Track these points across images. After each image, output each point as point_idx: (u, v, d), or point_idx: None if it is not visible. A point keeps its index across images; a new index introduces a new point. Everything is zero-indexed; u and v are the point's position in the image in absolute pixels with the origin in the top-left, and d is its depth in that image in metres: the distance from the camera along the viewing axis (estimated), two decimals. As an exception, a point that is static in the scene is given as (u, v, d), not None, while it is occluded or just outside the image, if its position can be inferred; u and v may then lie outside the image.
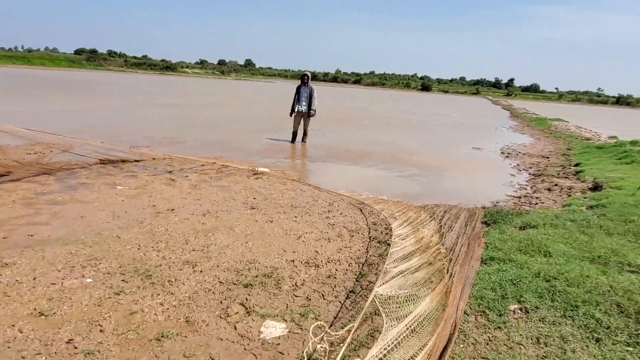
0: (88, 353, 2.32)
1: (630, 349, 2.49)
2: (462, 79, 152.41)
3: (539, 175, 8.80)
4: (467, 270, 3.50)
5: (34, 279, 3.11)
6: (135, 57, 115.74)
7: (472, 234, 4.49)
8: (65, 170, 6.43)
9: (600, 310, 2.85)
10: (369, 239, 4.38)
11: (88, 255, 3.55)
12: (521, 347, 2.52)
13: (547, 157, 11.36)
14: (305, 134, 10.68)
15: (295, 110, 10.38)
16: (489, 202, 6.37)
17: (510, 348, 2.51)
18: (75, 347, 2.37)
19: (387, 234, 4.49)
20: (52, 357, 2.30)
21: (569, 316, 2.81)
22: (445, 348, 2.44)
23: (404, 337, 2.43)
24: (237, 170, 7.14)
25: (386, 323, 2.40)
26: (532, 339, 2.60)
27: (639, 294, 3.03)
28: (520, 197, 6.88)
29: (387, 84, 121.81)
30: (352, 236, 4.44)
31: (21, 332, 2.48)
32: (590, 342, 2.56)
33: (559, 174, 8.70)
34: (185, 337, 2.53)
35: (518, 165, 10.09)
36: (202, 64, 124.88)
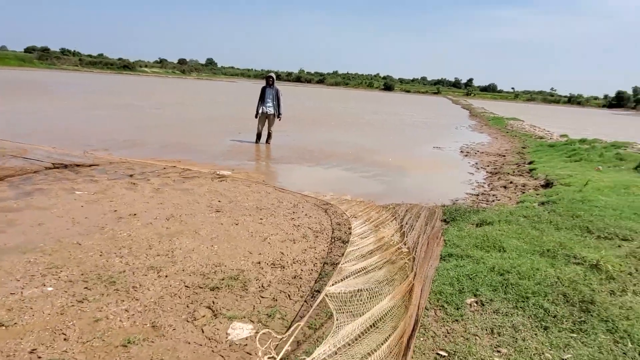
0: (52, 362, 2.30)
1: (575, 335, 2.70)
2: (424, 78, 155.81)
3: (496, 173, 9.18)
4: (427, 269, 3.64)
5: (-9, 289, 3.02)
6: (90, 56, 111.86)
7: (431, 233, 4.66)
8: (19, 176, 6.20)
9: (548, 300, 3.05)
10: (333, 239, 4.48)
11: (48, 264, 3.48)
12: (477, 337, 2.68)
13: (504, 156, 11.85)
14: (269, 135, 10.70)
15: (260, 111, 10.36)
16: (449, 200, 6.61)
17: (467, 339, 2.66)
18: (39, 357, 2.34)
19: (350, 233, 4.60)
20: (14, 368, 2.26)
21: (520, 307, 2.99)
22: (408, 343, 2.52)
23: (362, 333, 2.47)
24: (200, 174, 7.09)
25: (337, 320, 2.44)
26: (486, 329, 2.76)
27: (583, 284, 3.26)
28: (478, 195, 7.17)
29: (351, 83, 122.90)
30: (317, 237, 4.53)
31: (-20, 345, 2.42)
32: (539, 330, 2.75)
33: (514, 172, 9.11)
34: (152, 342, 2.54)
35: (476, 163, 10.47)
36: (162, 63, 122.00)
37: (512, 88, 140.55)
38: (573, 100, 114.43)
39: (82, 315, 2.77)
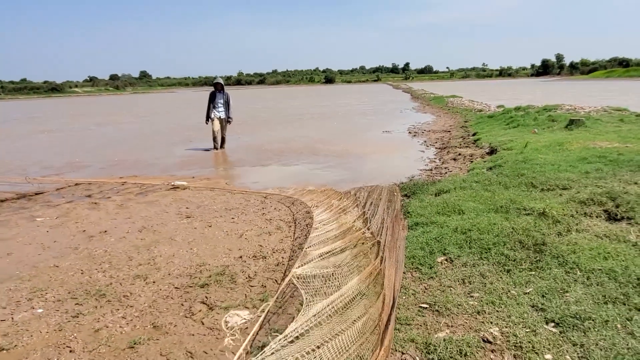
0: (64, 373, 2.38)
1: (533, 272, 3.07)
2: (362, 67, 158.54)
3: (444, 148, 9.72)
4: (397, 252, 3.64)
5: (-21, 320, 3.02)
6: (12, 82, 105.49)
7: (394, 216, 4.87)
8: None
9: (507, 248, 3.43)
10: (307, 226, 4.70)
11: (30, 288, 3.48)
12: (451, 288, 3.00)
13: (449, 131, 12.50)
14: (223, 140, 10.73)
15: (212, 116, 10.35)
16: (406, 178, 6.98)
17: (443, 291, 2.97)
18: (50, 370, 2.42)
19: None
20: (27, 384, 2.33)
21: (484, 257, 3.35)
22: (387, 322, 2.58)
23: (334, 313, 2.57)
24: (157, 188, 7.09)
25: (305, 299, 2.52)
26: (458, 280, 3.09)
27: (534, 230, 3.68)
28: (431, 170, 7.62)
29: (292, 80, 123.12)
30: (290, 226, 4.74)
31: (-15, 370, 2.46)
32: (502, 274, 3.11)
33: (461, 145, 9.69)
34: (157, 339, 2.67)
35: (425, 141, 11.01)
36: (93, 81, 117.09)
37: (447, 67, 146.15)
38: (504, 73, 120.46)
39: (80, 328, 2.85)
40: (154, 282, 3.51)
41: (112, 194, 6.64)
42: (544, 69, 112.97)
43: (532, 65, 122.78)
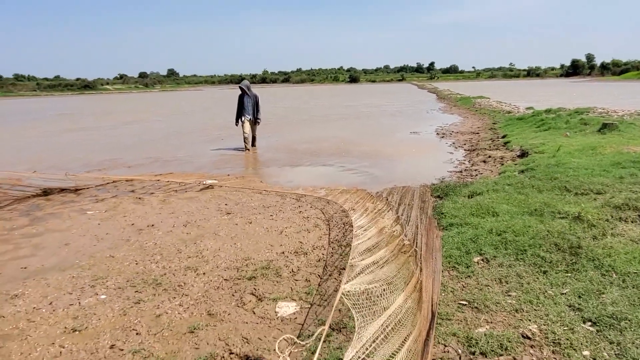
0: (135, 352, 2.63)
1: (569, 274, 3.19)
2: (387, 67, 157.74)
3: (474, 150, 9.76)
4: (433, 262, 3.57)
5: (50, 303, 3.31)
6: (47, 79, 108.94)
7: (428, 222, 4.58)
8: (23, 203, 6.37)
9: (542, 250, 3.54)
10: (343, 224, 4.88)
11: (91, 276, 3.77)
12: (489, 287, 3.14)
13: (477, 133, 12.48)
14: (254, 139, 10.95)
15: (242, 119, 10.52)
16: (436, 180, 7.09)
17: (481, 290, 3.11)
18: (121, 349, 2.67)
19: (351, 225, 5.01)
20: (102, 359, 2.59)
21: (520, 259, 3.47)
22: (427, 339, 2.50)
23: (382, 335, 2.41)
24: (193, 185, 7.38)
25: (357, 320, 2.38)
26: (495, 280, 3.23)
27: (569, 233, 3.77)
28: (461, 172, 7.70)
29: (316, 79, 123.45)
30: (328, 224, 4.93)
31: (63, 347, 2.73)
32: (539, 275, 3.23)
33: (490, 147, 9.71)
34: (215, 326, 2.90)
35: (453, 143, 11.04)
36: (123, 78, 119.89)
37: (473, 67, 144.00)
38: (532, 73, 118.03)
39: (143, 313, 3.10)
40: (204, 273, 3.75)
41: (154, 190, 6.96)
42: (574, 70, 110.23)
43: (562, 66, 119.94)
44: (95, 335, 2.86)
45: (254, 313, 3.07)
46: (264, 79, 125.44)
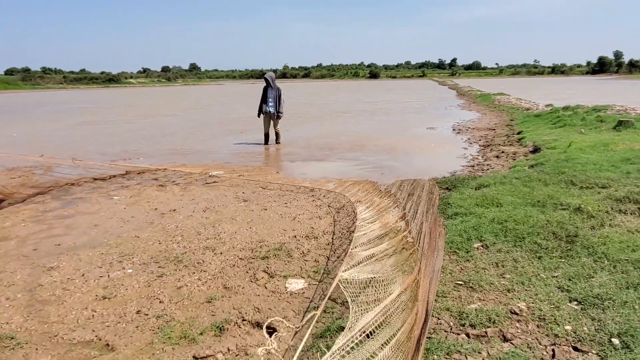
0: (158, 317, 2.94)
1: (563, 260, 3.37)
2: (408, 63, 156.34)
3: (488, 145, 9.86)
4: (433, 262, 3.44)
5: (82, 275, 3.65)
6: (73, 72, 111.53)
7: (433, 221, 4.41)
8: (57, 189, 6.79)
9: (540, 238, 3.72)
10: (354, 213, 5.12)
11: (119, 253, 4.10)
12: (485, 270, 3.34)
13: (494, 129, 12.53)
14: (277, 135, 10.98)
15: (263, 111, 10.68)
16: (448, 173, 7.26)
17: (477, 272, 3.32)
18: (146, 314, 2.98)
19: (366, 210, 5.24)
20: (129, 323, 2.90)
21: (518, 245, 3.66)
22: (419, 337, 2.43)
23: (373, 327, 2.39)
24: (219, 177, 7.71)
25: (352, 309, 2.40)
26: (492, 264, 3.43)
27: (568, 223, 3.94)
28: (473, 166, 7.84)
29: (336, 74, 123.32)
30: (339, 212, 5.18)
31: (95, 312, 3.05)
32: (534, 260, 3.42)
33: (504, 143, 9.79)
34: (230, 297, 3.19)
35: (469, 139, 11.14)
36: (146, 72, 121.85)
37: (496, 64, 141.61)
38: (557, 70, 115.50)
39: (165, 285, 3.41)
40: (221, 253, 4.05)
41: (175, 178, 7.31)
42: (600, 67, 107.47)
43: (588, 63, 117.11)
44: (123, 302, 3.18)
45: (266, 287, 3.34)
46: (285, 73, 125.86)
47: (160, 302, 3.16)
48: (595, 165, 5.76)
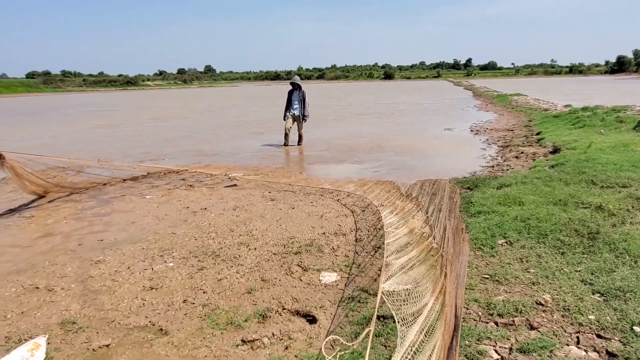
0: (204, 305, 3.17)
1: (585, 255, 3.51)
2: (422, 63, 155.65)
3: (507, 146, 9.94)
4: (459, 267, 3.41)
5: (128, 268, 3.90)
6: (91, 75, 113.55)
7: (455, 225, 4.35)
8: (91, 188, 7.11)
9: (563, 234, 3.87)
10: (378, 211, 5.31)
11: (159, 249, 4.36)
12: (510, 265, 3.50)
13: (512, 130, 12.58)
14: (300, 137, 11.20)
15: (289, 114, 10.88)
16: (468, 174, 7.39)
17: (503, 267, 3.48)
18: (193, 303, 3.22)
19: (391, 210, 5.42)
20: (177, 310, 3.13)
21: (541, 242, 3.81)
22: (451, 344, 2.46)
23: (419, 340, 2.32)
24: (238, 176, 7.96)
25: (398, 323, 2.33)
26: (517, 259, 3.59)
27: (590, 221, 4.07)
28: (493, 167, 7.95)
29: (351, 75, 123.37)
30: (364, 211, 5.37)
31: (145, 300, 3.30)
32: (557, 255, 3.57)
33: (523, 143, 9.87)
34: (268, 288, 3.41)
35: (487, 139, 11.22)
36: (162, 74, 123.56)
37: (512, 64, 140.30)
38: (574, 70, 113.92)
39: (207, 278, 3.64)
40: (255, 248, 4.27)
41: (202, 178, 7.58)
42: (619, 66, 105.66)
43: (607, 62, 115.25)
44: (170, 292, 3.42)
45: (301, 280, 3.55)
46: (299, 75, 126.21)
47: (204, 292, 3.39)
48: (615, 165, 5.85)
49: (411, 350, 2.18)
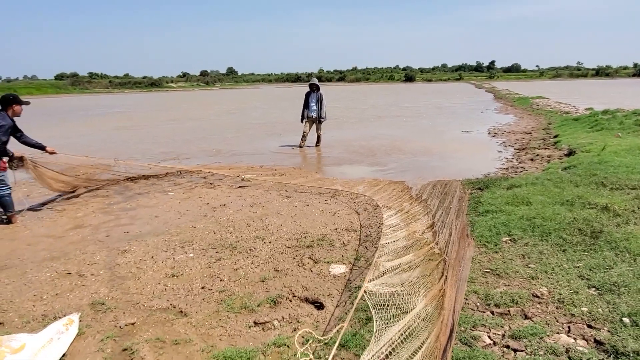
0: (221, 291, 3.42)
1: (586, 253, 3.64)
2: (444, 65, 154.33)
3: (523, 149, 9.97)
4: (460, 271, 3.43)
5: (152, 257, 4.19)
6: (117, 77, 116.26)
7: (461, 229, 4.33)
8: (116, 184, 7.48)
9: (566, 233, 3.99)
10: (382, 212, 5.49)
11: (180, 241, 4.64)
12: (512, 260, 3.65)
13: (530, 133, 12.55)
14: (318, 138, 11.39)
15: (306, 116, 11.09)
16: (481, 175, 7.48)
17: (504, 262, 3.64)
18: (210, 289, 3.47)
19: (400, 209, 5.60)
20: (196, 295, 3.39)
21: (544, 239, 3.95)
22: (445, 349, 2.45)
23: (398, 341, 2.36)
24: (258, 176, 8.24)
25: (376, 322, 2.37)
26: (519, 255, 3.73)
27: (594, 221, 4.18)
28: (507, 169, 8.03)
29: (371, 78, 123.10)
30: (375, 209, 5.56)
31: (167, 286, 3.57)
32: (559, 252, 3.70)
33: (540, 146, 9.89)
34: (280, 278, 3.64)
35: (504, 142, 11.25)
36: (185, 76, 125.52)
37: (537, 66, 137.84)
38: (601, 72, 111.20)
39: (224, 267, 3.90)
40: (270, 242, 4.51)
41: (222, 177, 7.87)
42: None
43: (635, 65, 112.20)
44: (189, 279, 3.69)
45: (312, 271, 3.77)
46: (320, 77, 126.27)
47: (220, 280, 3.64)
48: (627, 167, 5.89)
49: (386, 350, 2.25)
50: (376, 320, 2.36)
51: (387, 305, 2.59)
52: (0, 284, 3.69)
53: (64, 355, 2.66)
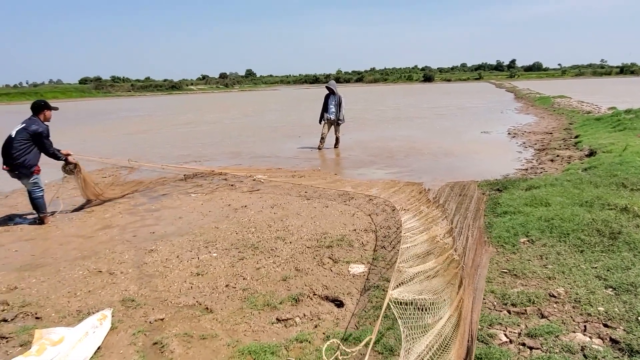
0: (244, 289, 3.56)
1: (604, 254, 3.66)
2: (464, 65, 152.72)
3: (543, 149, 9.89)
4: (477, 279, 3.37)
5: (177, 256, 4.36)
6: (139, 80, 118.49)
7: (478, 236, 4.24)
8: (146, 186, 7.71)
9: (584, 234, 4.01)
10: (401, 215, 5.56)
11: (203, 241, 4.80)
12: (529, 261, 3.70)
13: (551, 133, 12.42)
14: (337, 140, 11.48)
15: (325, 118, 11.19)
16: (500, 176, 7.47)
17: (522, 263, 3.68)
18: (234, 287, 3.61)
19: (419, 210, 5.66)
20: (221, 293, 3.54)
21: (563, 240, 3.97)
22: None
23: (428, 354, 2.31)
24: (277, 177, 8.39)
25: (404, 333, 2.32)
26: (537, 256, 3.77)
27: (613, 222, 4.18)
28: (527, 169, 7.99)
29: (390, 78, 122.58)
30: (394, 210, 5.64)
31: (192, 284, 3.72)
32: (576, 253, 3.73)
33: (560, 147, 9.79)
34: (301, 277, 3.76)
35: (524, 143, 11.16)
36: (205, 79, 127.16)
37: (559, 64, 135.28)
38: (626, 70, 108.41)
39: (246, 266, 4.04)
40: (290, 242, 4.63)
41: (243, 179, 8.04)
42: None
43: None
44: (214, 278, 3.84)
45: (331, 270, 3.88)
46: (338, 78, 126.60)
47: (244, 278, 3.78)
48: (649, 168, 5.84)
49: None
50: (403, 331, 2.31)
51: (413, 317, 2.50)
52: (37, 281, 3.90)
53: (98, 348, 2.83)
